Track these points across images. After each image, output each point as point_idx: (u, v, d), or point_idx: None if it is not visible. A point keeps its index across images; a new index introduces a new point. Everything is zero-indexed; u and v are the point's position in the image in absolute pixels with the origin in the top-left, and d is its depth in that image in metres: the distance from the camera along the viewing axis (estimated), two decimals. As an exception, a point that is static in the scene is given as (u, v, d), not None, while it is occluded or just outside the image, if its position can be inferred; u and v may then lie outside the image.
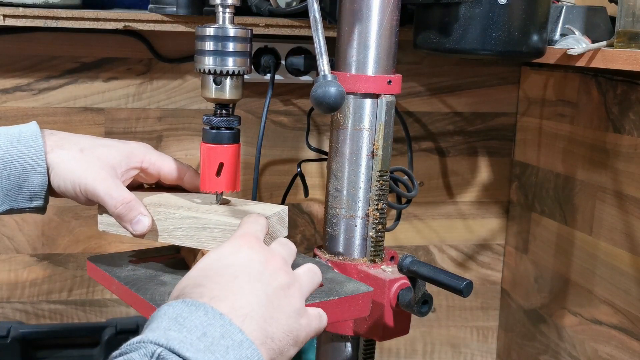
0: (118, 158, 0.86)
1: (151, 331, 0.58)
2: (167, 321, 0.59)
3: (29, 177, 0.82)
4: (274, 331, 0.63)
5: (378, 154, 0.97)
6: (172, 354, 0.56)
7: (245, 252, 0.68)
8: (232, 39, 0.83)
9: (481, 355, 1.61)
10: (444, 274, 0.85)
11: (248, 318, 0.62)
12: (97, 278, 0.91)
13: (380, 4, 0.94)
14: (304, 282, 0.71)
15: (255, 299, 0.63)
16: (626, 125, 1.19)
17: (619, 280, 1.22)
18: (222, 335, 0.59)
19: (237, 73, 0.84)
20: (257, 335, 0.62)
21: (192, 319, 0.59)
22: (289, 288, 0.67)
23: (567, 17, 1.17)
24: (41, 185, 0.83)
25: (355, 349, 1.03)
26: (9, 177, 0.82)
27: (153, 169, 0.89)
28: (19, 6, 1.15)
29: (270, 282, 0.66)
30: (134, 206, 0.83)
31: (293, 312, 0.66)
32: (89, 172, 0.83)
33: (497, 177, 1.54)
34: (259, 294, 0.64)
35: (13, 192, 0.83)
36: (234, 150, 0.86)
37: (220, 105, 0.86)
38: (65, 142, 0.85)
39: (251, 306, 0.63)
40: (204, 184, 0.87)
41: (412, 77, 1.44)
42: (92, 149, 0.85)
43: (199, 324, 0.59)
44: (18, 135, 0.83)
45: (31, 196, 0.84)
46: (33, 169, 0.82)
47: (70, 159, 0.84)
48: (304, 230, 1.46)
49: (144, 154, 0.89)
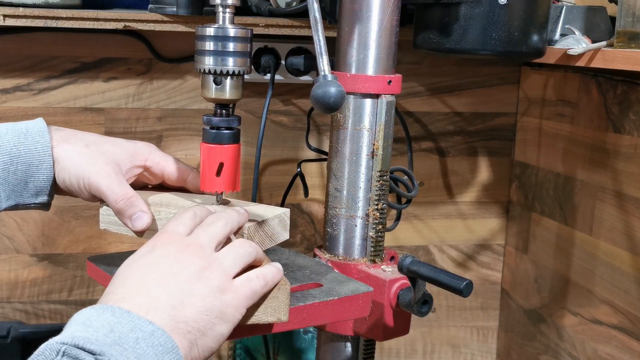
0: (123, 155, 0.87)
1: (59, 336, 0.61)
2: (75, 325, 0.62)
3: (35, 172, 0.83)
4: (186, 315, 0.66)
5: (378, 154, 0.97)
6: (76, 349, 0.59)
7: (158, 249, 0.72)
8: (232, 39, 0.83)
9: (481, 355, 1.61)
10: (444, 274, 0.85)
11: (154, 309, 0.65)
12: (97, 278, 0.91)
13: (380, 4, 0.94)
14: (226, 259, 0.73)
15: (163, 291, 0.67)
16: (626, 125, 1.19)
17: (619, 280, 1.22)
18: (130, 329, 0.62)
19: (237, 73, 0.84)
20: (167, 323, 0.65)
21: (100, 320, 0.62)
22: (204, 270, 0.70)
23: (567, 17, 1.17)
24: (47, 180, 0.84)
25: (355, 349, 1.03)
26: (16, 172, 0.82)
27: (157, 168, 0.90)
28: (19, 6, 1.15)
29: (180, 271, 0.69)
30: (135, 202, 0.84)
31: (211, 291, 0.69)
32: (93, 166, 0.84)
33: (497, 177, 1.54)
34: (168, 285, 0.67)
35: (19, 187, 0.83)
36: (234, 150, 0.86)
37: (220, 105, 0.86)
38: (72, 137, 0.86)
39: (158, 299, 0.66)
40: (204, 184, 0.87)
41: (412, 77, 1.45)
42: (97, 145, 0.86)
43: (106, 323, 0.62)
44: (25, 131, 0.83)
45: (37, 192, 0.84)
46: (40, 164, 0.83)
47: (75, 154, 0.84)
48: (304, 230, 1.46)
49: (149, 153, 0.89)
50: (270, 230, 0.86)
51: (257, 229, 0.83)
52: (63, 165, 0.84)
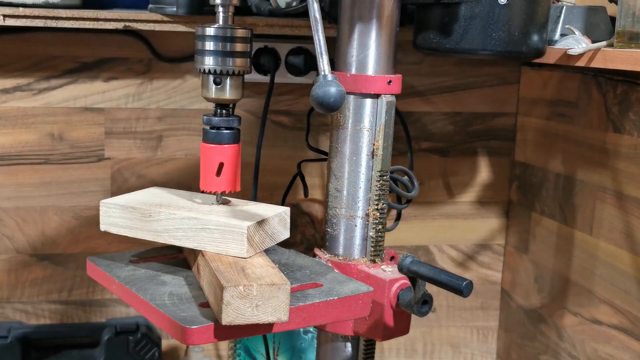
0: None
1: None
2: None
3: None
4: None
5: (378, 154, 0.97)
6: None
7: None
8: (232, 39, 0.83)
9: (481, 355, 1.61)
10: (444, 274, 0.85)
11: None
12: (97, 278, 0.92)
13: (380, 4, 0.94)
14: None
15: None
16: (626, 125, 1.19)
17: (619, 280, 1.22)
18: None
19: (238, 73, 0.84)
20: None
21: None
22: None
23: (567, 17, 1.17)
24: None
25: (355, 349, 1.03)
26: None
27: None
28: (19, 6, 1.15)
29: None
30: None
31: None
32: None
33: (497, 177, 1.54)
34: None
35: None
36: (234, 150, 0.86)
37: (221, 105, 0.86)
38: None
39: None
40: (204, 183, 0.87)
41: (412, 77, 1.44)
42: None
43: None
44: None
45: None
46: None
47: None
48: (304, 230, 1.46)
49: None
50: (270, 229, 0.86)
51: (258, 228, 0.83)
52: None
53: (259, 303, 0.74)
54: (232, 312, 0.74)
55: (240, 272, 0.78)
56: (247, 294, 0.74)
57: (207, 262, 0.81)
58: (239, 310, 0.74)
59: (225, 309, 0.73)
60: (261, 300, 0.74)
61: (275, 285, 0.75)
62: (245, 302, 0.74)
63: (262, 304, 0.75)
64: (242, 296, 0.74)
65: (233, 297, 0.74)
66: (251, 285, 0.74)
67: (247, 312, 0.74)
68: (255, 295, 0.74)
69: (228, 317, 0.74)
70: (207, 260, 0.81)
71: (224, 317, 0.74)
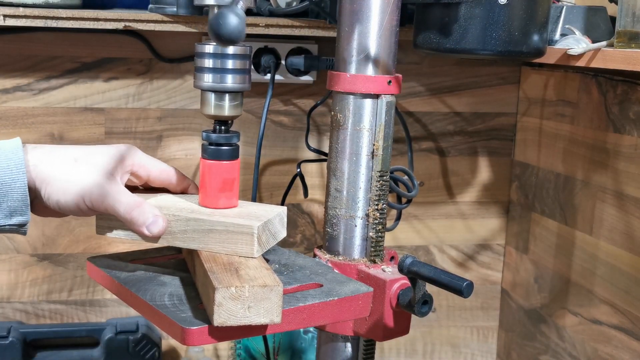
0: (113, 164, 0.83)
1: None
2: None
3: (8, 191, 0.78)
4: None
5: (378, 154, 0.97)
6: None
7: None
8: (231, 57, 0.83)
9: (481, 355, 1.61)
10: (444, 274, 0.85)
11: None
12: (97, 278, 0.91)
13: (380, 4, 0.94)
14: None
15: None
16: (626, 125, 1.19)
17: (619, 280, 1.22)
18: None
19: (237, 91, 0.84)
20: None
21: None
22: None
23: (567, 17, 1.17)
24: (22, 200, 0.79)
25: (355, 349, 1.03)
26: None
27: (143, 171, 0.87)
28: (19, 6, 1.15)
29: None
30: (146, 209, 0.81)
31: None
32: (93, 182, 0.80)
33: (497, 177, 1.54)
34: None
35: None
36: (233, 166, 0.86)
37: (219, 122, 0.85)
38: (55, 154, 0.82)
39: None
40: (204, 199, 0.86)
41: (412, 77, 1.44)
42: (85, 157, 0.82)
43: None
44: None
45: (11, 212, 0.79)
46: (12, 182, 0.78)
47: (66, 171, 0.80)
48: (304, 230, 1.46)
49: (133, 156, 0.86)
50: (273, 229, 0.86)
51: (265, 228, 0.83)
52: (56, 186, 0.80)
53: (251, 305, 0.74)
54: (224, 313, 0.74)
55: (233, 273, 0.78)
56: (239, 295, 0.74)
57: (201, 262, 0.81)
58: (230, 312, 0.74)
59: (217, 310, 0.73)
60: (253, 302, 0.74)
61: (268, 286, 0.75)
62: (237, 304, 0.74)
63: (254, 305, 0.74)
64: (234, 297, 0.74)
65: (225, 298, 0.73)
66: (243, 286, 0.74)
67: (239, 314, 0.74)
68: (247, 296, 0.74)
69: (220, 318, 0.74)
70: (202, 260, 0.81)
71: (216, 318, 0.73)
